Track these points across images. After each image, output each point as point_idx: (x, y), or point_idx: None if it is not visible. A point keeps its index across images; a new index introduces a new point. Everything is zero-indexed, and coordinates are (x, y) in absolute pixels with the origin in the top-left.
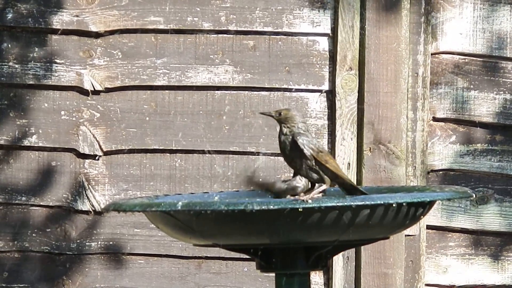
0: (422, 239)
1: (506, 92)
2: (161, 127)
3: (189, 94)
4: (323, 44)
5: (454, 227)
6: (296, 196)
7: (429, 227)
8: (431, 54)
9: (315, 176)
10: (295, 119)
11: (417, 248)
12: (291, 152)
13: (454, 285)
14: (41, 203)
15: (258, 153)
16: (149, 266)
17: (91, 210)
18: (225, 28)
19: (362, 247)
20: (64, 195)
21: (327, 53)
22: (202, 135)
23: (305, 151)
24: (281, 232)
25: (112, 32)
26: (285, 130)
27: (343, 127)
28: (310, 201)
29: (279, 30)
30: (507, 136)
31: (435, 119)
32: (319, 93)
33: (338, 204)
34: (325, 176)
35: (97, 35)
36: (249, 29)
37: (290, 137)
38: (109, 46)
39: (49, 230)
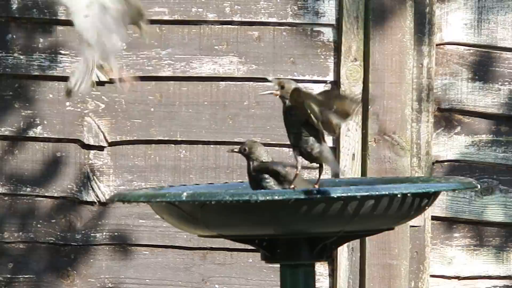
0: (427, 230)
1: (511, 83)
2: (165, 118)
3: (193, 85)
4: (328, 34)
5: (459, 218)
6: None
7: (434, 218)
8: (436, 45)
9: None
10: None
11: (422, 239)
12: None
13: (459, 276)
14: (46, 194)
15: (263, 144)
16: (154, 257)
17: (96, 201)
18: (229, 19)
19: (367, 238)
20: (69, 186)
21: (332, 43)
22: (207, 126)
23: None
24: (286, 223)
25: None
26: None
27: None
28: (315, 191)
29: (284, 20)
30: None
31: (440, 110)
32: (324, 84)
33: (343, 194)
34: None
35: None
36: (253, 20)
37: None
38: None
39: (54, 221)
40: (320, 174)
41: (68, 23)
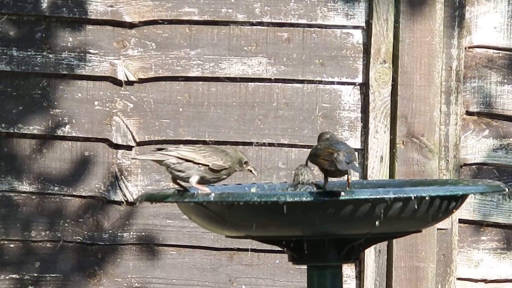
0: (454, 233)
1: None
2: (194, 118)
3: (222, 85)
4: (357, 36)
5: (486, 222)
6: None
7: (461, 221)
8: (465, 48)
9: None
10: None
11: (449, 242)
12: None
13: (486, 279)
14: (74, 193)
15: (291, 145)
16: (181, 257)
17: (123, 200)
18: (259, 20)
19: (394, 240)
20: (97, 186)
21: (361, 45)
22: (235, 126)
23: None
24: (314, 224)
25: (146, 23)
26: None
27: (376, 120)
28: (343, 193)
29: (313, 22)
30: None
31: (468, 113)
32: (353, 86)
33: (371, 196)
34: None
35: (131, 25)
36: (283, 21)
37: None
38: (143, 37)
39: (81, 220)
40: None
41: (98, 22)
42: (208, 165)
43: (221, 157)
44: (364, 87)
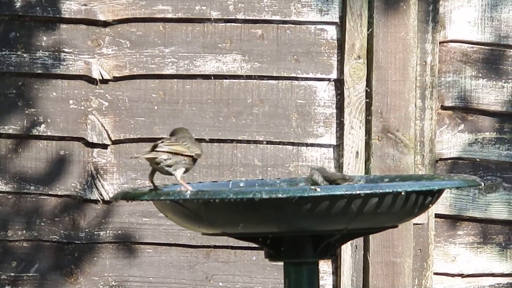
0: (430, 227)
1: None
2: (169, 116)
3: (197, 83)
4: (331, 32)
5: (462, 216)
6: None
7: (437, 215)
8: (440, 43)
9: None
10: None
11: (426, 237)
12: None
13: (463, 274)
14: (50, 193)
15: (266, 142)
16: (157, 255)
17: (99, 199)
18: (233, 17)
19: (370, 235)
20: (72, 184)
21: (335, 41)
22: (211, 124)
23: None
24: (290, 221)
25: (120, 21)
26: None
27: (352, 116)
28: (319, 189)
29: (287, 18)
30: None
31: (443, 108)
32: (327, 82)
33: (346, 192)
34: None
35: (105, 24)
36: (257, 17)
37: None
38: (117, 35)
39: (58, 219)
40: None
41: (72, 21)
42: (192, 156)
43: (197, 146)
44: (339, 83)
